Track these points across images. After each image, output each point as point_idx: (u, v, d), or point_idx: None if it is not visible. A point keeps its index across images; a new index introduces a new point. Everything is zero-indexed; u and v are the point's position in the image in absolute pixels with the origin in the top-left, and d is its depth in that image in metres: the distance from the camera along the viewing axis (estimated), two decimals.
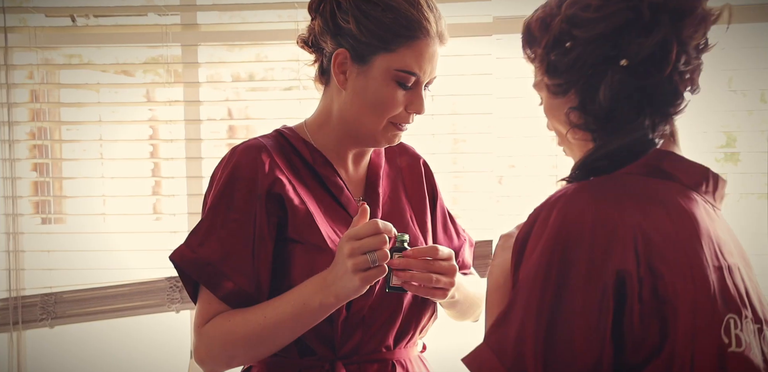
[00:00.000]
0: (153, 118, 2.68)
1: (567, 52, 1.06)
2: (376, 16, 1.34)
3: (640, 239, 0.96)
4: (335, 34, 1.38)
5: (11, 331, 2.48)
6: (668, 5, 1.01)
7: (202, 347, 1.35)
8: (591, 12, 1.04)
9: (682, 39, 1.01)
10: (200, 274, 1.33)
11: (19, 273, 2.49)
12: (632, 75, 1.02)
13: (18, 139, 2.52)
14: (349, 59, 1.37)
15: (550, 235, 0.96)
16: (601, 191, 1.01)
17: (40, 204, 2.59)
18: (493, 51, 2.36)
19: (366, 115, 1.39)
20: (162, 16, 2.52)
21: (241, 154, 1.37)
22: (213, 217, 1.35)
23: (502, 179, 2.44)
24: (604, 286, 0.94)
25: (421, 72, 1.37)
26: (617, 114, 1.04)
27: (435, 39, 1.37)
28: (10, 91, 2.50)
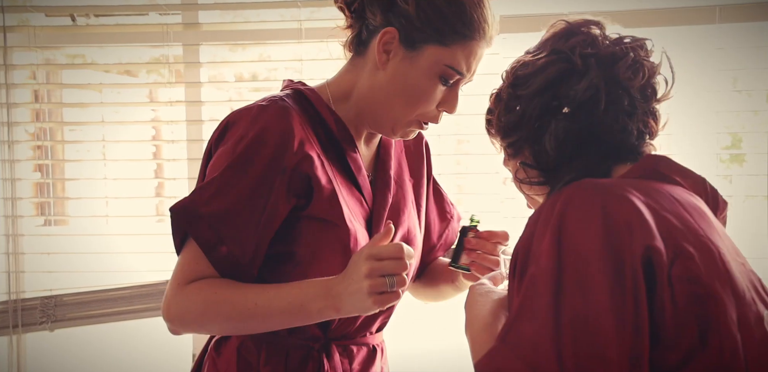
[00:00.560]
0: (156, 118, 2.68)
1: (514, 111, 1.14)
2: (439, 6, 1.31)
3: (660, 223, 0.93)
4: (387, 9, 1.33)
5: (11, 335, 2.47)
6: (598, 54, 1.11)
7: (175, 307, 1.28)
8: (528, 68, 1.14)
9: (619, 81, 1.10)
10: (198, 233, 1.26)
11: (19, 275, 2.49)
12: (574, 121, 1.09)
13: (19, 140, 2.52)
14: (397, 40, 1.33)
15: (554, 230, 0.93)
16: (600, 186, 0.98)
17: (41, 206, 2.59)
18: (500, 50, 2.35)
19: (398, 102, 1.35)
20: (163, 16, 2.52)
21: (272, 117, 1.30)
22: (228, 177, 1.27)
23: (507, 180, 2.43)
24: (632, 265, 0.89)
25: (467, 72, 1.36)
26: (564, 162, 1.10)
27: (487, 43, 1.36)
28: (9, 91, 2.49)
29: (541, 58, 1.14)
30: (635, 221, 0.92)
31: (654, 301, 0.89)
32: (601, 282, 0.88)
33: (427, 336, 1.79)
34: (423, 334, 2.42)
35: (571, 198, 0.96)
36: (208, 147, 1.36)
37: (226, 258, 1.28)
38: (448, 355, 2.36)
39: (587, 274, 0.89)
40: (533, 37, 2.26)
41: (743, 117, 2.33)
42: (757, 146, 2.30)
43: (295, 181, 1.29)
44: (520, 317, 0.91)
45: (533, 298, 0.91)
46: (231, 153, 1.28)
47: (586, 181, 0.99)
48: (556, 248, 0.92)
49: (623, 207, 0.93)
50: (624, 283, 0.88)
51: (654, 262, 0.90)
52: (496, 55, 2.34)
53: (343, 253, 1.33)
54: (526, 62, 1.15)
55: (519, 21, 2.34)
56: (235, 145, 1.28)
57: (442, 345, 2.35)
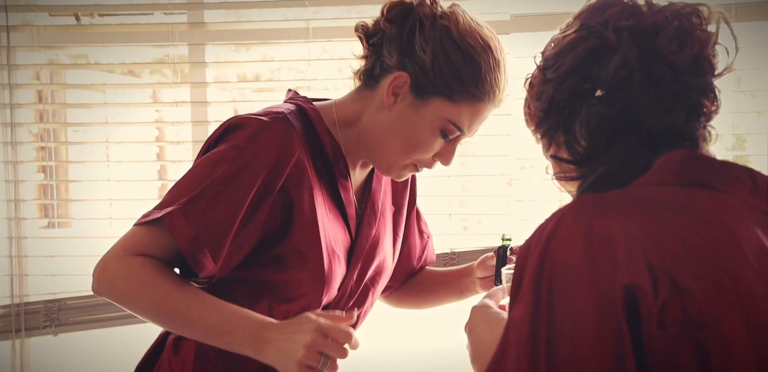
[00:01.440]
0: (159, 119, 2.68)
1: (543, 97, 1.02)
2: (456, 63, 1.33)
3: (653, 249, 0.79)
4: (404, 53, 1.35)
5: (14, 339, 2.47)
6: (636, 26, 0.96)
7: (109, 273, 1.27)
8: (556, 47, 1.01)
9: (663, 55, 0.95)
10: (186, 244, 1.26)
11: (23, 278, 2.49)
12: (608, 105, 0.96)
13: (22, 141, 2.52)
14: (408, 86, 1.35)
15: (536, 260, 0.82)
16: (598, 203, 0.87)
17: (45, 208, 2.59)
18: (511, 50, 2.33)
19: (395, 147, 1.38)
20: (168, 15, 2.51)
21: (273, 137, 1.30)
22: (221, 191, 1.27)
23: (512, 182, 2.42)
24: (614, 308, 0.76)
25: (469, 131, 1.39)
26: (598, 152, 0.98)
27: (495, 104, 1.39)
28: (13, 91, 2.49)
29: (569, 34, 1.00)
30: (621, 254, 0.79)
31: (642, 348, 0.77)
32: (584, 332, 0.77)
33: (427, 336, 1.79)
34: (423, 334, 2.41)
35: (559, 224, 0.84)
36: (205, 145, 1.36)
37: (204, 269, 1.28)
38: (449, 355, 2.35)
39: (565, 318, 0.78)
40: (545, 37, 2.24)
41: (747, 118, 2.31)
42: (761, 147, 2.28)
43: (279, 202, 1.31)
44: (500, 368, 0.82)
45: (508, 348, 0.82)
46: (229, 166, 1.28)
47: (586, 199, 0.88)
48: (535, 288, 0.81)
49: (612, 234, 0.80)
50: (606, 331, 0.76)
51: (639, 302, 0.77)
52: (507, 55, 2.33)
53: (314, 281, 1.35)
54: (555, 40, 1.02)
55: (530, 20, 2.33)
56: (231, 154, 1.28)
57: (442, 345, 2.34)
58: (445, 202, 2.39)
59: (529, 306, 0.80)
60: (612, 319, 0.76)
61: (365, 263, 1.47)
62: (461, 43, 1.33)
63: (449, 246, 2.38)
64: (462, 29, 1.34)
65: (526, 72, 2.47)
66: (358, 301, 1.49)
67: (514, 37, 2.34)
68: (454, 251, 2.37)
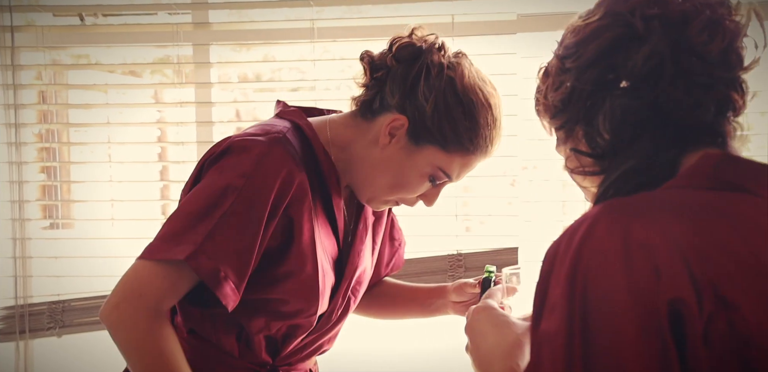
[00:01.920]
0: (161, 119, 2.68)
1: (563, 87, 0.97)
2: (455, 117, 1.36)
3: (696, 260, 0.74)
4: (407, 96, 1.37)
5: (18, 340, 2.48)
6: (665, 14, 0.91)
7: (121, 320, 1.24)
8: (578, 35, 0.96)
9: (693, 46, 0.90)
10: (213, 280, 1.26)
11: (26, 280, 2.49)
12: (634, 97, 0.91)
13: (26, 142, 2.52)
14: (405, 129, 1.38)
15: (569, 271, 0.77)
16: (632, 208, 0.81)
17: (48, 208, 2.59)
18: (517, 50, 2.33)
19: (383, 183, 1.42)
20: (172, 15, 2.51)
21: (277, 161, 1.30)
22: (236, 223, 1.27)
23: (516, 182, 2.41)
24: (658, 325, 0.72)
25: (456, 178, 1.43)
26: (622, 147, 0.93)
27: (486, 157, 1.43)
28: (17, 92, 2.49)
29: (593, 22, 0.95)
30: (663, 265, 0.74)
31: (688, 366, 0.72)
32: (626, 346, 0.73)
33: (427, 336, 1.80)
34: (422, 335, 2.41)
35: (591, 230, 0.79)
36: (198, 166, 1.36)
37: (233, 290, 1.28)
38: (449, 356, 2.35)
39: (603, 334, 0.74)
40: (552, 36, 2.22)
41: (750, 118, 2.29)
42: (765, 148, 2.27)
43: (280, 226, 1.33)
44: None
45: (540, 363, 0.78)
46: (232, 190, 1.27)
47: (616, 203, 0.83)
48: (569, 299, 0.76)
49: (652, 243, 0.75)
50: (650, 348, 0.72)
51: (684, 318, 0.73)
52: (513, 55, 2.33)
53: (308, 299, 1.38)
54: (576, 28, 0.97)
55: (537, 20, 2.33)
56: (238, 183, 1.27)
57: (442, 345, 2.33)
58: (450, 203, 2.38)
59: (563, 319, 0.76)
60: (656, 336, 0.72)
61: (350, 275, 1.50)
62: (463, 98, 1.36)
63: (454, 247, 2.37)
64: (466, 83, 1.37)
65: (533, 72, 2.46)
66: (344, 311, 1.53)
67: (521, 36, 2.34)
68: (461, 253, 2.36)
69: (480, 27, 2.36)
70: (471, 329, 1.07)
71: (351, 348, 2.43)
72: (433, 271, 2.34)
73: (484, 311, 1.07)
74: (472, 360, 1.05)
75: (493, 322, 1.05)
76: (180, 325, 1.43)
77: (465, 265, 2.35)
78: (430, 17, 2.37)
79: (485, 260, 2.35)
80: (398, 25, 2.38)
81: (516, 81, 2.33)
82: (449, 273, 2.35)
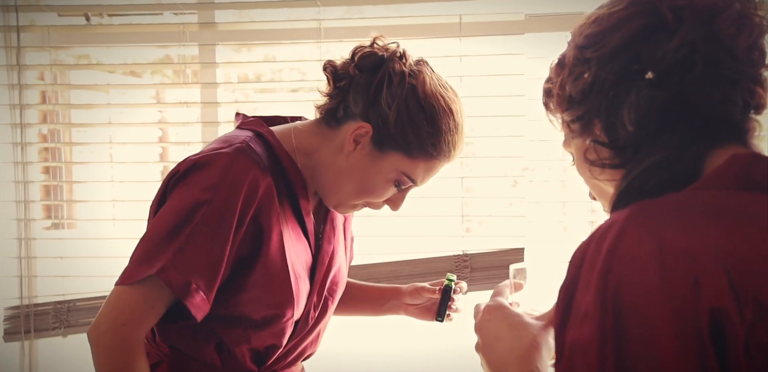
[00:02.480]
0: (162, 119, 2.67)
1: (583, 77, 0.94)
2: (417, 123, 1.40)
3: (737, 268, 0.72)
4: (370, 105, 1.41)
5: (23, 340, 2.48)
6: (693, 5, 0.89)
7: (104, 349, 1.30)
8: (602, 25, 0.93)
9: (721, 39, 0.88)
10: (184, 293, 1.30)
11: (32, 280, 2.49)
12: (661, 88, 0.88)
13: (31, 142, 2.52)
14: (369, 137, 1.41)
15: (600, 279, 0.75)
16: (663, 210, 0.79)
17: (50, 208, 2.59)
18: (525, 50, 2.33)
19: (349, 189, 1.45)
20: (178, 15, 2.51)
21: (242, 170, 1.34)
22: (205, 234, 1.31)
23: (517, 183, 2.40)
24: (698, 336, 0.70)
25: (421, 183, 1.47)
26: (646, 139, 0.90)
27: (449, 162, 1.47)
28: (23, 92, 2.49)
29: (618, 10, 0.93)
30: (703, 273, 0.72)
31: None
32: (663, 357, 0.71)
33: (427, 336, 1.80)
34: (422, 334, 2.41)
35: (621, 235, 0.76)
36: (162, 186, 1.38)
37: (203, 301, 1.32)
38: (449, 355, 2.34)
39: (643, 345, 0.72)
40: (560, 37, 2.20)
41: (762, 116, 2.28)
42: None
43: (249, 234, 1.35)
44: None
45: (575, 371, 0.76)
46: (200, 204, 1.30)
47: (646, 206, 0.80)
48: (601, 308, 0.74)
49: (689, 250, 0.73)
50: (689, 358, 0.71)
51: (726, 328, 0.71)
52: (520, 56, 2.32)
53: (283, 304, 1.41)
54: (600, 17, 0.94)
55: (545, 20, 2.32)
56: (205, 196, 1.30)
57: (442, 345, 2.32)
58: (456, 204, 2.38)
59: (594, 328, 0.74)
60: (695, 346, 0.71)
61: (324, 277, 1.53)
62: (425, 104, 1.40)
63: (460, 247, 2.36)
64: (428, 90, 1.40)
65: (540, 72, 2.45)
66: (321, 313, 1.55)
67: (529, 37, 2.33)
68: (467, 253, 2.36)
69: (487, 27, 2.36)
70: (483, 329, 1.05)
71: (351, 348, 2.43)
72: (439, 272, 2.34)
73: (497, 310, 1.05)
74: (485, 360, 1.03)
75: (508, 322, 1.02)
76: (159, 341, 1.46)
77: (471, 266, 2.35)
78: (437, 17, 2.37)
79: (492, 261, 2.34)
80: (406, 26, 2.40)
81: (523, 81, 2.33)
82: (455, 273, 2.34)
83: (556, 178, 2.39)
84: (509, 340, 1.00)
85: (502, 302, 1.07)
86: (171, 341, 1.44)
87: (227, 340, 1.41)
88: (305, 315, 1.49)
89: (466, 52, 2.36)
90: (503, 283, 1.16)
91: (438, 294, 1.65)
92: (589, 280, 0.76)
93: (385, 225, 2.43)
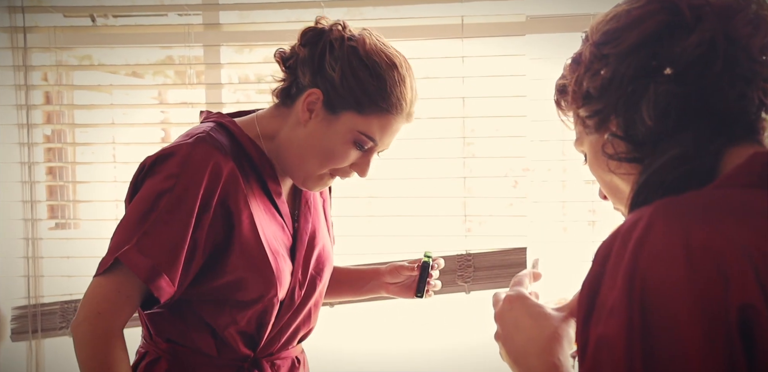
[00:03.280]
0: (165, 120, 2.69)
1: (600, 74, 0.96)
2: (363, 79, 1.44)
3: (763, 264, 0.73)
4: (316, 72, 1.47)
5: (30, 340, 2.50)
6: (711, 5, 0.92)
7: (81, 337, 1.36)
8: (620, 22, 0.96)
9: (738, 38, 0.90)
10: (145, 274, 1.36)
11: (38, 279, 2.51)
12: (679, 84, 0.90)
13: (37, 142, 2.54)
14: (321, 102, 1.46)
15: (626, 275, 0.76)
16: (689, 209, 0.80)
17: (54, 208, 2.60)
18: (527, 51, 2.34)
19: (311, 159, 1.48)
20: (183, 16, 2.52)
21: (201, 156, 1.40)
22: (167, 220, 1.37)
23: (518, 184, 2.41)
24: (728, 330, 0.71)
25: (380, 142, 1.50)
26: (664, 135, 0.91)
27: (404, 118, 1.49)
28: (29, 92, 2.51)
29: (636, 8, 0.94)
30: (730, 269, 0.73)
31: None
32: (691, 353, 0.72)
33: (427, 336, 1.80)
34: (422, 334, 2.42)
35: (647, 231, 0.77)
36: (132, 183, 1.45)
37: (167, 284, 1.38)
38: (449, 355, 2.35)
39: (670, 340, 0.73)
40: (561, 38, 2.23)
41: None
42: None
43: (218, 216, 1.41)
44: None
45: (601, 367, 0.77)
46: (164, 192, 1.37)
47: (672, 202, 0.81)
48: (627, 304, 0.75)
49: (716, 246, 0.74)
50: (717, 355, 0.72)
51: (754, 325, 0.72)
52: (522, 57, 2.33)
53: (265, 283, 1.46)
54: (618, 14, 0.96)
55: (546, 21, 2.34)
56: (168, 184, 1.38)
57: (441, 345, 2.33)
58: (458, 204, 2.39)
59: (622, 324, 0.75)
60: (724, 344, 0.71)
61: (307, 255, 1.58)
62: (367, 61, 1.44)
63: (462, 247, 2.38)
64: (369, 49, 1.45)
65: (542, 73, 2.45)
66: (308, 292, 1.59)
67: (530, 38, 2.34)
68: (469, 253, 2.37)
69: (489, 28, 2.37)
70: (503, 318, 1.04)
71: (351, 348, 2.44)
72: (442, 271, 2.33)
73: (517, 300, 1.04)
74: (504, 350, 1.02)
75: (529, 312, 1.02)
76: (156, 337, 1.51)
77: (474, 265, 2.36)
78: (439, 19, 2.39)
79: (494, 260, 2.36)
80: (409, 27, 2.41)
81: (524, 82, 2.34)
82: (458, 273, 2.35)
83: (556, 178, 2.40)
84: (530, 330, 0.99)
85: (522, 292, 1.06)
86: (167, 335, 1.49)
87: (216, 325, 1.46)
88: (290, 293, 1.53)
89: (467, 53, 2.38)
90: (522, 272, 1.15)
91: (416, 271, 1.71)
92: (615, 276, 0.77)
93: (386, 225, 2.44)
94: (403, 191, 2.46)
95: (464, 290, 2.36)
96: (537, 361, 0.96)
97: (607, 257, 0.80)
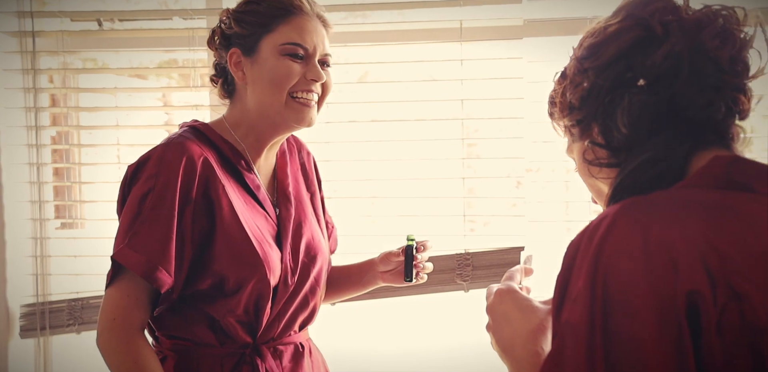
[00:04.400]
0: (168, 122, 2.71)
1: (582, 85, 1.03)
2: (252, 9, 1.55)
3: (712, 255, 0.81)
4: (223, 42, 1.59)
5: (38, 337, 2.53)
6: (681, 20, 0.99)
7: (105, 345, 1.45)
8: (599, 37, 1.03)
9: (706, 50, 0.97)
10: (141, 269, 1.43)
11: (46, 278, 2.53)
12: (651, 94, 0.97)
13: (45, 144, 2.56)
14: (242, 55, 1.55)
15: (590, 265, 0.84)
16: (650, 207, 0.88)
17: (59, 208, 2.63)
18: (524, 54, 2.36)
19: (267, 93, 1.55)
20: (187, 20, 2.54)
21: (175, 154, 1.48)
22: (153, 216, 1.45)
23: (520, 184, 2.43)
24: (677, 314, 0.79)
25: (306, 43, 1.56)
26: (638, 140, 0.98)
27: (312, 16, 1.57)
28: (38, 95, 2.54)
29: (613, 24, 1.02)
30: (681, 259, 0.80)
31: (701, 355, 0.79)
32: (646, 335, 0.79)
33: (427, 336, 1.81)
34: (422, 334, 2.43)
35: (611, 228, 0.85)
36: (121, 190, 1.53)
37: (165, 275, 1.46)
38: (449, 355, 2.36)
39: (623, 325, 0.81)
40: (558, 41, 2.24)
41: (753, 120, 2.30)
42: (766, 150, 2.28)
43: (200, 208, 1.49)
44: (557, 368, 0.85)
45: (563, 351, 0.84)
46: (147, 192, 1.46)
47: (635, 202, 0.89)
48: (590, 293, 0.83)
49: (669, 239, 0.82)
50: (668, 338, 0.79)
51: (700, 309, 0.79)
52: (519, 60, 2.36)
53: (255, 270, 1.51)
54: (596, 31, 1.04)
55: (543, 25, 2.37)
56: (149, 185, 1.46)
57: (440, 343, 2.35)
58: (458, 204, 2.41)
59: (585, 310, 0.83)
60: (674, 327, 0.79)
61: (294, 242, 1.64)
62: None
63: (462, 247, 2.40)
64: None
65: (539, 76, 2.48)
66: (301, 277, 1.64)
67: (528, 41, 2.37)
68: (468, 252, 2.39)
69: (487, 32, 2.40)
70: (494, 311, 1.10)
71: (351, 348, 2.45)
72: (442, 270, 2.38)
73: (508, 294, 1.10)
74: (494, 340, 1.10)
75: (518, 305, 1.08)
76: (160, 336, 1.58)
77: (473, 264, 2.38)
78: (438, 22, 2.41)
79: (493, 259, 2.38)
80: (408, 31, 2.44)
81: (522, 85, 2.37)
82: (457, 271, 2.38)
83: (558, 178, 2.43)
84: (518, 322, 1.05)
85: (512, 286, 1.12)
86: (169, 331, 1.55)
87: (214, 314, 1.52)
88: (283, 279, 1.58)
89: (466, 56, 2.41)
90: (515, 267, 1.21)
91: (402, 256, 1.72)
92: (581, 268, 0.85)
93: (387, 225, 2.46)
94: (404, 192, 2.48)
95: (463, 289, 2.39)
96: (522, 350, 1.03)
97: (576, 251, 0.88)
